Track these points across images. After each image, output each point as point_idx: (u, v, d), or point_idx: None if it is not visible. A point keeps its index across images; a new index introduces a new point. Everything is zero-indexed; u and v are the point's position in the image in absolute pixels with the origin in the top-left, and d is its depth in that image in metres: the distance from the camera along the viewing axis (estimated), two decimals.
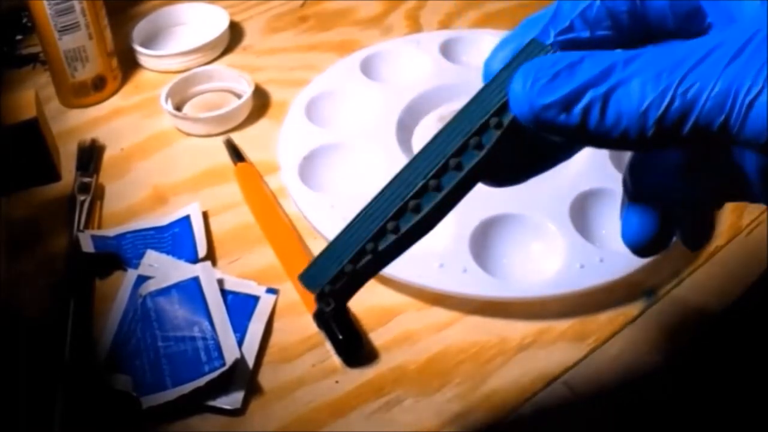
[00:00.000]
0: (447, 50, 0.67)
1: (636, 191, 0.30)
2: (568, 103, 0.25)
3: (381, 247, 0.29)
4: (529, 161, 0.32)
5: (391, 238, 0.29)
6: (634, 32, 0.29)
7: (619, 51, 0.26)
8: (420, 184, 0.28)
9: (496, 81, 0.28)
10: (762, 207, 0.54)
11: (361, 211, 0.29)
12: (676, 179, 0.30)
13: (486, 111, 0.28)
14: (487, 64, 0.30)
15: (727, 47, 0.23)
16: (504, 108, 0.27)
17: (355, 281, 0.29)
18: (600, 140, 0.25)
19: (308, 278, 0.29)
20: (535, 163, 0.32)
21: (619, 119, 0.24)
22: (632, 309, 0.48)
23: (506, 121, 0.27)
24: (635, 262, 0.48)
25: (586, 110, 0.24)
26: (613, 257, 0.48)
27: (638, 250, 0.30)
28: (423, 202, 0.29)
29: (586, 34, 0.29)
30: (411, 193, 0.28)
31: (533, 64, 0.26)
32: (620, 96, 0.24)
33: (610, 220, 0.51)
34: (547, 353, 0.46)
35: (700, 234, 0.33)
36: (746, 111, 0.23)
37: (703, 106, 0.23)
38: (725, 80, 0.23)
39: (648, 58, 0.24)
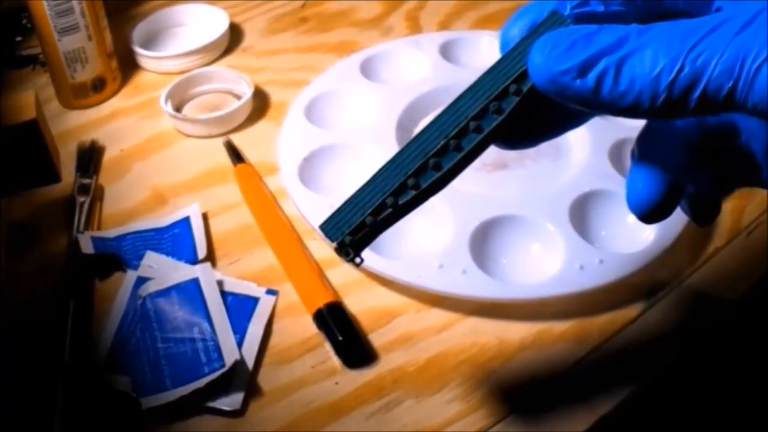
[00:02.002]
0: (447, 51, 0.67)
1: (642, 156, 0.31)
2: (583, 68, 0.26)
3: (401, 201, 0.30)
4: (542, 127, 0.33)
5: (411, 193, 0.30)
6: (647, 8, 0.30)
7: (633, 24, 0.27)
8: (441, 144, 0.30)
9: (517, 49, 0.29)
10: (762, 208, 0.54)
11: (383, 167, 0.31)
12: (683, 153, 0.30)
13: (506, 78, 0.29)
14: (504, 32, 0.32)
15: (735, 20, 0.24)
16: (523, 76, 0.29)
17: (373, 232, 0.31)
18: (613, 106, 0.26)
19: (330, 228, 0.31)
20: (548, 130, 0.33)
21: (632, 85, 0.25)
22: (632, 310, 0.48)
23: (525, 88, 0.29)
24: (635, 263, 0.48)
25: (601, 76, 0.25)
26: (612, 258, 0.48)
27: (642, 213, 0.31)
28: (443, 160, 0.30)
29: (600, 7, 0.30)
30: (432, 152, 0.30)
31: (552, 34, 0.27)
32: (634, 62, 0.25)
33: (610, 221, 0.51)
34: (547, 354, 0.46)
35: (706, 212, 0.33)
36: (754, 76, 0.23)
37: (713, 72, 0.24)
38: (734, 48, 0.24)
39: (660, 29, 0.25)
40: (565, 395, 0.44)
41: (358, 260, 0.31)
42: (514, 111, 0.29)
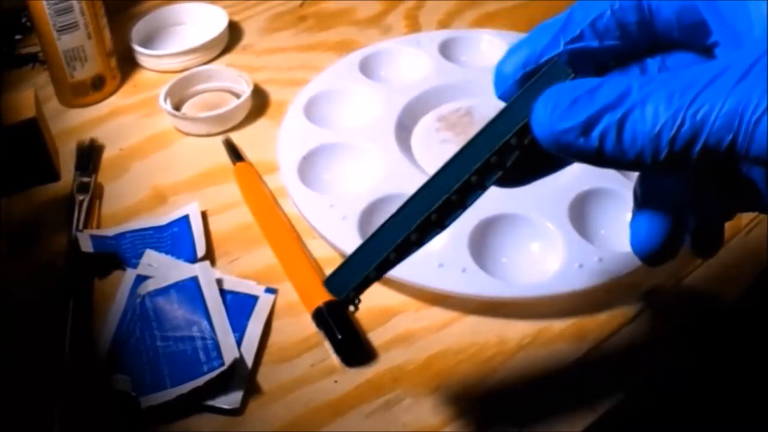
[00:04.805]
0: (446, 50, 0.67)
1: (645, 198, 0.31)
2: (586, 127, 0.26)
3: (403, 256, 0.32)
4: (535, 168, 0.33)
5: (414, 249, 0.31)
6: (642, 42, 0.30)
7: (634, 73, 0.28)
8: (443, 199, 0.30)
9: (518, 102, 0.29)
10: None
11: (386, 222, 0.31)
12: (686, 190, 0.30)
13: (507, 131, 0.29)
14: (499, 68, 0.32)
15: (733, 70, 0.24)
16: (524, 129, 0.29)
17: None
18: (616, 162, 0.26)
19: (334, 285, 0.32)
20: (541, 170, 0.33)
21: (634, 141, 0.25)
22: (631, 309, 0.48)
23: (526, 141, 0.29)
24: (634, 262, 0.48)
25: (604, 134, 0.26)
26: (611, 257, 0.48)
27: (647, 257, 0.31)
28: (446, 217, 0.31)
29: (595, 43, 0.30)
30: (435, 208, 0.31)
31: (554, 90, 0.27)
32: (635, 119, 0.25)
33: (609, 220, 0.51)
34: (547, 353, 0.46)
35: (710, 242, 0.33)
36: (753, 129, 0.23)
37: (713, 125, 0.24)
38: (732, 100, 0.24)
39: (661, 81, 0.25)
40: (564, 394, 0.44)
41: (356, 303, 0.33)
42: (513, 163, 0.30)
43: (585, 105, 0.26)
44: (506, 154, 0.30)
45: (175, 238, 0.54)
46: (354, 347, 0.46)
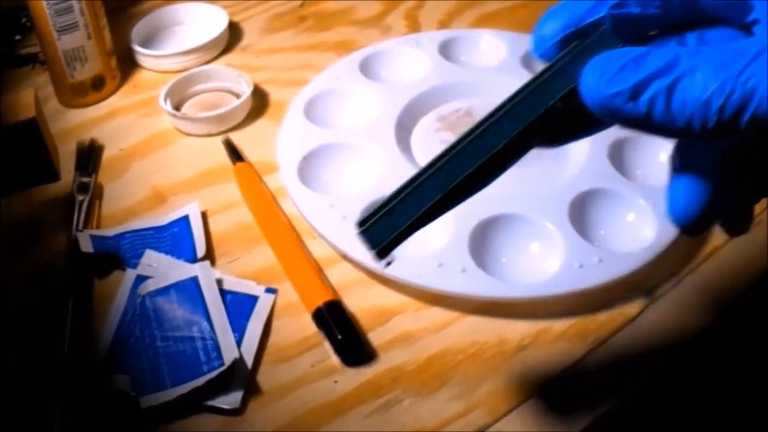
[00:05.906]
0: (446, 50, 0.67)
1: (684, 166, 0.31)
2: (635, 92, 0.26)
3: (441, 213, 0.30)
4: (577, 130, 0.33)
5: (453, 204, 0.30)
6: (682, 13, 0.30)
7: (674, 45, 0.28)
8: (485, 159, 0.29)
9: (561, 65, 0.29)
10: (761, 206, 0.54)
11: (422, 172, 0.30)
12: (726, 161, 0.30)
13: (553, 96, 0.29)
14: (539, 28, 0.32)
15: None
16: (570, 94, 0.29)
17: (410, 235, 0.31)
18: (665, 129, 0.26)
19: (371, 235, 0.30)
20: (582, 131, 0.33)
21: (683, 108, 0.26)
22: (631, 309, 0.48)
23: (572, 105, 0.29)
24: (634, 262, 0.48)
25: (653, 100, 0.26)
26: (611, 257, 0.48)
27: (686, 226, 0.30)
28: (486, 176, 0.30)
29: (636, 10, 0.30)
30: (476, 166, 0.30)
31: (602, 57, 0.27)
32: (684, 86, 0.25)
33: (609, 220, 0.51)
34: (547, 353, 0.46)
35: (741, 220, 0.33)
36: None
37: (762, 94, 0.24)
38: None
39: (708, 53, 0.26)
40: (564, 394, 0.44)
41: (389, 259, 0.31)
42: (556, 125, 0.30)
43: (633, 71, 0.26)
44: (551, 119, 0.29)
45: (175, 238, 0.54)
46: (354, 347, 0.46)
